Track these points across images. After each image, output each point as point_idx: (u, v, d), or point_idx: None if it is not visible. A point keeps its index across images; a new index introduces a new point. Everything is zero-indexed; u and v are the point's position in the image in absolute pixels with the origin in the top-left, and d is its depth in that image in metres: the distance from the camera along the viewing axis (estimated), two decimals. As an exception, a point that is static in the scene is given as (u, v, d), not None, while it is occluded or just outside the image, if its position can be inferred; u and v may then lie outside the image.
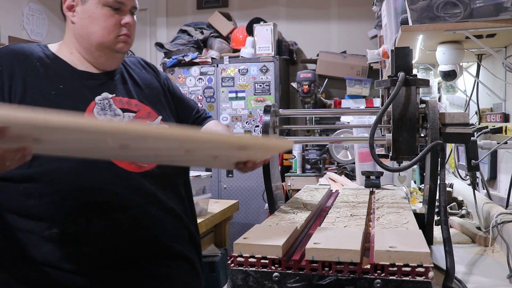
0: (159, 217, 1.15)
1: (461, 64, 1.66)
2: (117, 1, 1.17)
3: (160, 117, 1.27)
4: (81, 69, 1.20)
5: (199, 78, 3.95)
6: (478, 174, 1.39)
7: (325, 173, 2.70)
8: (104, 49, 1.19)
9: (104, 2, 1.16)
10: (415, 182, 2.09)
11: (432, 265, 0.63)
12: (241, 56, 3.99)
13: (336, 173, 2.59)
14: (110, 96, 1.21)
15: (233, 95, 3.88)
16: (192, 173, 1.97)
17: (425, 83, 0.98)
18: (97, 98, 1.18)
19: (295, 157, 3.57)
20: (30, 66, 1.15)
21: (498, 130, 1.45)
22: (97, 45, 1.18)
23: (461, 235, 1.19)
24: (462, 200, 1.48)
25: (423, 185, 1.59)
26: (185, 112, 1.40)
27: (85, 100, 1.17)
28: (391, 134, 0.97)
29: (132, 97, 1.25)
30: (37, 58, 1.18)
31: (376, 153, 0.91)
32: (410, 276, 0.62)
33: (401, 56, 0.97)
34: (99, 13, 1.17)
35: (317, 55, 4.16)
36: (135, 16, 1.24)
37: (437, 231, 1.03)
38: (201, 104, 3.91)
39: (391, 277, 0.63)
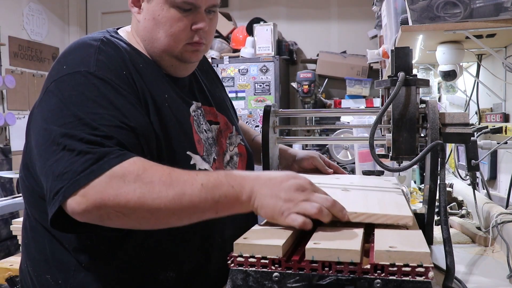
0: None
1: (461, 64, 1.66)
2: (187, 2, 0.96)
3: (234, 127, 1.17)
4: (166, 73, 1.04)
5: (199, 78, 3.95)
6: (478, 174, 1.39)
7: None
8: (171, 58, 1.02)
9: (172, 2, 0.96)
10: (415, 182, 2.09)
11: (432, 265, 0.63)
12: (241, 56, 3.99)
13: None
14: (199, 104, 1.08)
15: (233, 95, 3.88)
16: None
17: (425, 83, 0.98)
18: (191, 109, 1.05)
19: (295, 157, 3.57)
20: (138, 74, 0.97)
21: (498, 130, 1.45)
22: (161, 52, 1.01)
23: (461, 235, 1.19)
24: (462, 200, 1.48)
25: (423, 185, 1.59)
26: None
27: (186, 115, 1.02)
28: (391, 134, 0.97)
29: (211, 105, 1.13)
30: (136, 59, 0.99)
31: (376, 153, 0.91)
32: (410, 276, 0.62)
33: (401, 56, 0.97)
34: (165, 15, 0.96)
35: (317, 55, 4.16)
36: (213, 14, 1.02)
37: (437, 231, 1.03)
38: (201, 104, 3.91)
39: (391, 277, 0.63)
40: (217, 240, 1.02)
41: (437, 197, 0.87)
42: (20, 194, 2.81)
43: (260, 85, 3.85)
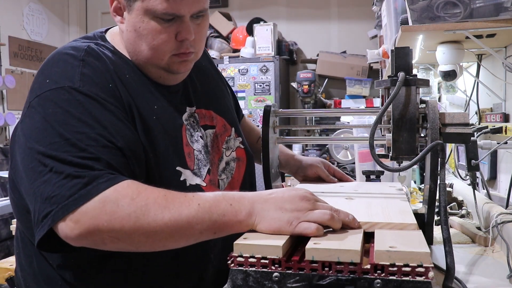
0: None
1: (461, 64, 1.66)
2: (168, 13, 0.89)
3: (233, 129, 1.13)
4: (155, 80, 0.99)
5: (199, 78, 3.95)
6: (478, 174, 1.39)
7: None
8: (158, 69, 0.97)
9: (152, 13, 0.89)
10: (415, 182, 2.09)
11: (432, 265, 0.63)
12: (241, 56, 3.99)
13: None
14: (193, 110, 1.04)
15: (233, 95, 3.88)
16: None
17: (425, 83, 0.98)
18: (184, 118, 1.00)
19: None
20: (127, 84, 0.92)
21: (498, 130, 1.45)
22: (147, 64, 0.96)
23: (461, 235, 1.19)
24: (462, 200, 1.48)
25: (423, 185, 1.59)
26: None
27: (177, 126, 0.98)
28: (391, 134, 0.97)
29: (208, 108, 1.08)
30: (123, 69, 0.94)
31: (376, 153, 0.91)
32: (410, 276, 0.62)
33: (401, 56, 0.97)
34: (146, 27, 0.90)
35: (317, 55, 4.16)
36: (202, 18, 0.95)
37: (437, 231, 1.03)
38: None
39: (391, 277, 0.63)
40: (211, 258, 1.00)
41: (437, 197, 0.87)
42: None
43: (260, 85, 3.85)
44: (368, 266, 0.64)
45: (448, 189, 1.50)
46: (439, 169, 0.86)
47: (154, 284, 0.94)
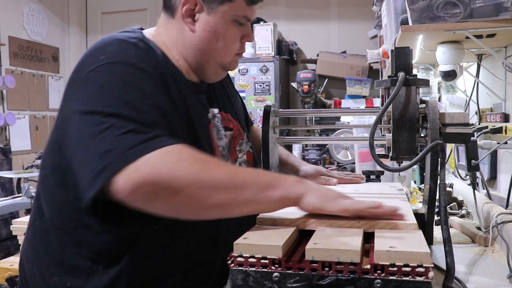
0: None
1: (461, 64, 1.66)
2: (246, 16, 1.02)
3: (245, 134, 1.18)
4: (189, 79, 1.04)
5: (199, 78, 3.95)
6: (478, 174, 1.39)
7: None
8: (217, 66, 1.05)
9: (234, 17, 1.00)
10: (415, 182, 2.09)
11: (432, 265, 0.63)
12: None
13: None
14: (217, 112, 1.09)
15: (233, 95, 3.88)
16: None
17: (425, 83, 0.98)
18: (210, 116, 1.07)
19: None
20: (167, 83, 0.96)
21: (498, 130, 1.45)
22: (213, 61, 1.03)
23: (461, 235, 1.19)
24: (462, 200, 1.48)
25: (423, 185, 1.59)
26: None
27: (206, 122, 1.04)
28: (391, 134, 0.97)
29: (226, 111, 1.14)
30: (166, 61, 0.99)
31: (376, 153, 0.91)
32: (410, 276, 0.62)
33: (401, 56, 0.97)
34: (226, 28, 1.00)
35: (317, 55, 4.16)
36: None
37: (437, 231, 1.03)
38: (201, 104, 3.91)
39: (391, 277, 0.63)
40: (222, 242, 1.02)
41: (437, 197, 0.87)
42: (20, 194, 2.81)
43: (260, 85, 3.85)
44: (368, 266, 0.64)
45: (448, 189, 1.50)
46: (439, 169, 0.86)
47: (177, 268, 0.96)
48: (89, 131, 0.80)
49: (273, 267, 0.67)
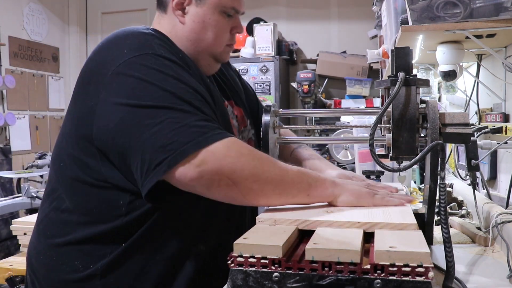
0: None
1: (461, 64, 1.66)
2: (235, 8, 1.07)
3: (248, 121, 1.22)
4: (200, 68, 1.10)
5: (199, 78, 3.95)
6: (478, 174, 1.39)
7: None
8: (210, 57, 1.10)
9: (222, 8, 1.05)
10: (415, 182, 2.09)
11: (432, 265, 0.63)
12: (241, 56, 3.99)
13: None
14: (227, 101, 1.15)
15: (233, 95, 3.88)
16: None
17: (425, 83, 0.98)
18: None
19: (295, 157, 3.57)
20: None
21: (498, 130, 1.45)
22: (204, 52, 1.08)
23: (461, 235, 1.19)
24: (462, 200, 1.48)
25: (423, 185, 1.59)
26: (253, 107, 1.33)
27: (224, 107, 1.10)
28: (391, 134, 0.97)
29: (228, 99, 1.18)
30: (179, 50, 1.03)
31: (376, 153, 0.91)
32: (410, 276, 0.62)
33: (401, 56, 0.97)
34: (215, 19, 1.05)
35: (317, 55, 4.16)
36: None
37: (437, 231, 1.03)
38: (201, 104, 3.91)
39: (391, 277, 0.63)
40: (239, 219, 1.08)
41: (437, 197, 0.87)
42: (20, 194, 2.81)
43: (260, 85, 3.84)
44: (368, 266, 0.64)
45: (448, 189, 1.50)
46: (439, 169, 0.86)
47: (199, 239, 1.01)
48: (138, 125, 0.85)
49: (273, 267, 0.67)
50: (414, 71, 1.04)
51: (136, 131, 0.85)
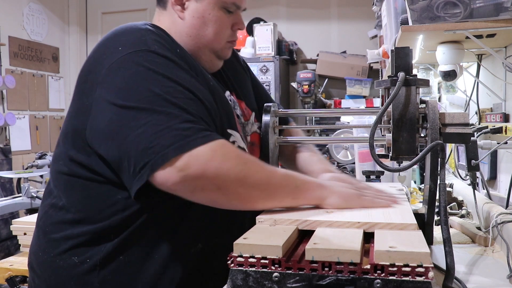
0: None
1: (461, 64, 1.66)
2: (235, 4, 1.05)
3: (253, 114, 1.19)
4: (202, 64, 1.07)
5: (199, 78, 3.95)
6: (478, 174, 1.39)
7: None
8: (211, 53, 1.08)
9: (222, 4, 1.04)
10: (415, 182, 2.09)
11: (432, 265, 0.63)
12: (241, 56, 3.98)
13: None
14: (228, 94, 1.12)
15: (233, 95, 3.88)
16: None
17: (425, 83, 0.98)
18: (226, 95, 1.10)
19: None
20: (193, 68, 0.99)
21: (498, 130, 1.45)
22: (205, 48, 1.07)
23: (461, 235, 1.19)
24: (462, 200, 1.48)
25: (423, 185, 1.59)
26: (260, 101, 1.28)
27: (226, 102, 1.06)
28: (391, 134, 0.97)
29: (231, 90, 1.16)
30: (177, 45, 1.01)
31: (376, 153, 0.91)
32: (410, 276, 0.62)
33: (401, 56, 0.97)
34: (215, 15, 1.04)
35: (317, 55, 4.16)
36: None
37: (437, 231, 1.03)
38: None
39: (391, 277, 0.63)
40: (239, 218, 1.05)
41: (437, 197, 0.87)
42: (20, 194, 2.81)
43: (260, 85, 3.84)
44: (368, 266, 0.64)
45: (448, 189, 1.50)
46: (439, 169, 0.86)
47: (197, 238, 1.00)
48: (123, 127, 0.84)
49: (273, 267, 0.67)
50: (414, 71, 1.04)
51: (122, 133, 0.84)
